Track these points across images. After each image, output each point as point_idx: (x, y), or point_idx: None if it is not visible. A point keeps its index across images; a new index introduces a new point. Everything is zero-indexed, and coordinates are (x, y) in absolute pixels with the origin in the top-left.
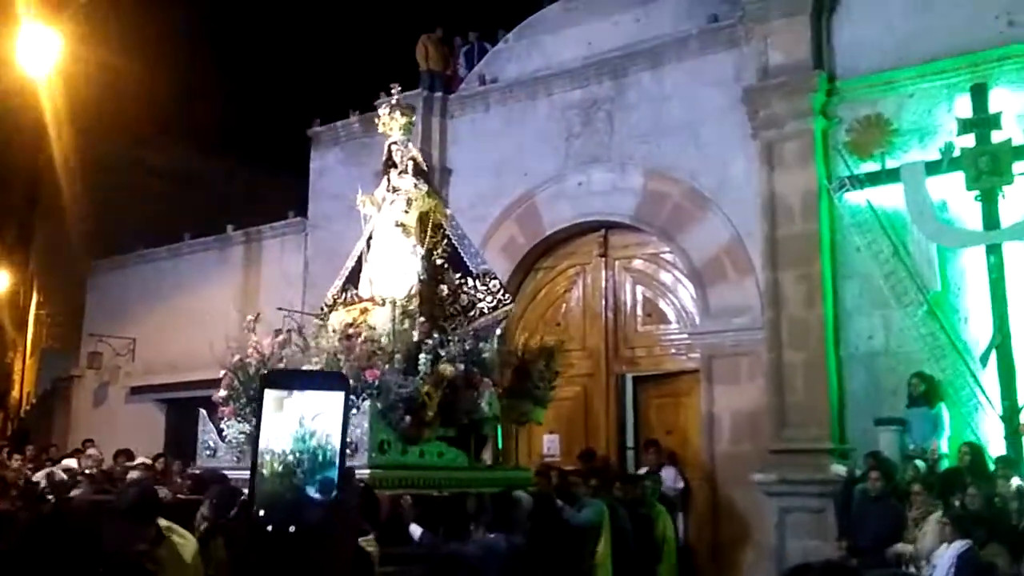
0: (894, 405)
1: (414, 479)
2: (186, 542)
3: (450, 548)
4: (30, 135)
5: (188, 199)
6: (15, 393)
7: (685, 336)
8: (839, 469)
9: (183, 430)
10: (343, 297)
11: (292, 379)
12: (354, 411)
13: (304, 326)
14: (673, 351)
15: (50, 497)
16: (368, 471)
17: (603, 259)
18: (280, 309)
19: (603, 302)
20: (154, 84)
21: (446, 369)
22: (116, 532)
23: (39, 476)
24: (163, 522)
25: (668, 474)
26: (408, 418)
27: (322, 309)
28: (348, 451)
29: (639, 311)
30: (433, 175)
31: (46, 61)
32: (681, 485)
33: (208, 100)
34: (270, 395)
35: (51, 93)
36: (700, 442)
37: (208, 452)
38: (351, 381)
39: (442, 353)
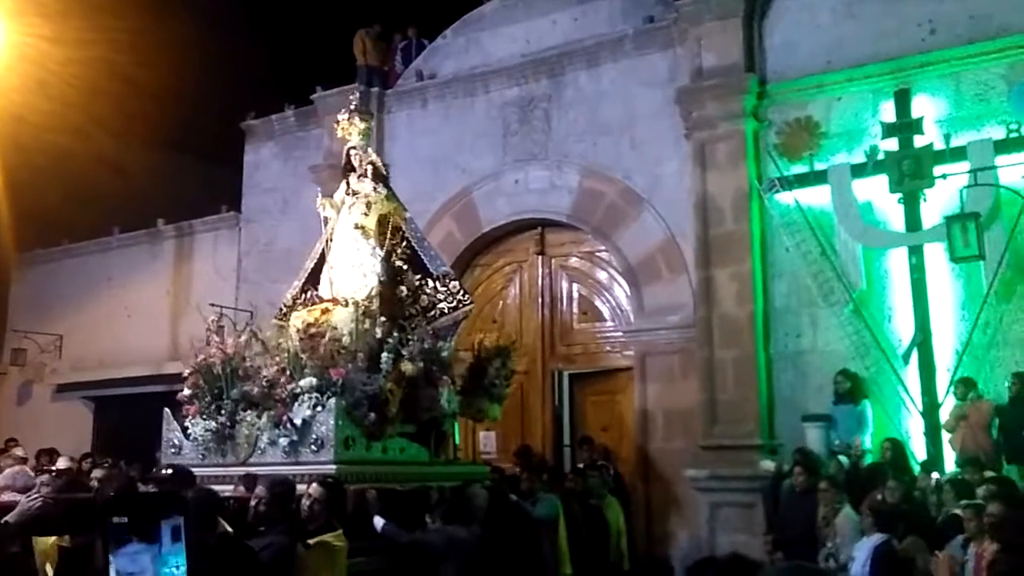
0: (821, 402)
1: (378, 474)
2: None
3: (411, 537)
4: None
5: (118, 192)
6: None
7: (620, 334)
8: (768, 465)
9: (113, 428)
10: (303, 298)
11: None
12: (319, 409)
13: (238, 324)
14: (608, 349)
15: None
16: (334, 467)
17: (540, 257)
18: (213, 305)
19: (540, 300)
20: (84, 73)
21: (407, 367)
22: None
23: None
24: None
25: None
26: (372, 415)
27: (281, 310)
28: (314, 448)
29: (575, 309)
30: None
31: None
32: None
33: (140, 91)
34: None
35: None
36: (634, 439)
37: (173, 450)
38: (316, 380)
39: (404, 352)
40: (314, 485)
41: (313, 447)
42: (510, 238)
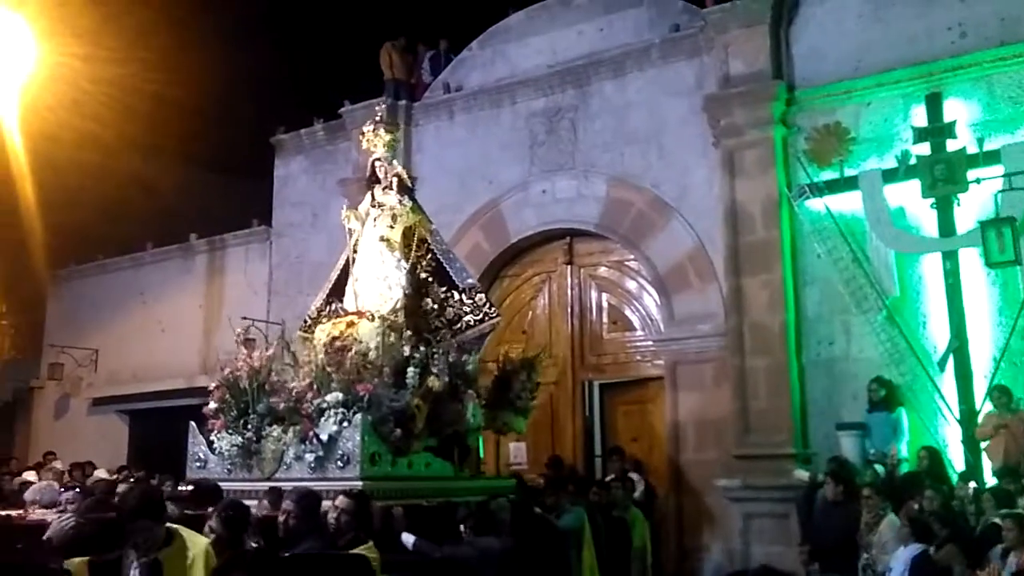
0: (855, 410)
1: (404, 490)
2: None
3: (444, 552)
4: None
5: (150, 208)
6: None
7: (650, 343)
8: (802, 474)
9: (147, 441)
10: (327, 310)
11: None
12: (345, 424)
13: (269, 336)
14: (638, 358)
15: None
16: (360, 483)
17: (568, 267)
18: (245, 319)
19: (569, 310)
20: (116, 92)
21: (434, 382)
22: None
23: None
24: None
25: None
26: (398, 431)
27: (305, 322)
28: (340, 463)
29: (605, 318)
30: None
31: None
32: (641, 489)
33: (170, 108)
34: None
35: (13, 100)
36: (665, 449)
37: (198, 464)
38: (342, 395)
39: (433, 369)
40: (340, 498)
41: (339, 463)
42: (538, 248)
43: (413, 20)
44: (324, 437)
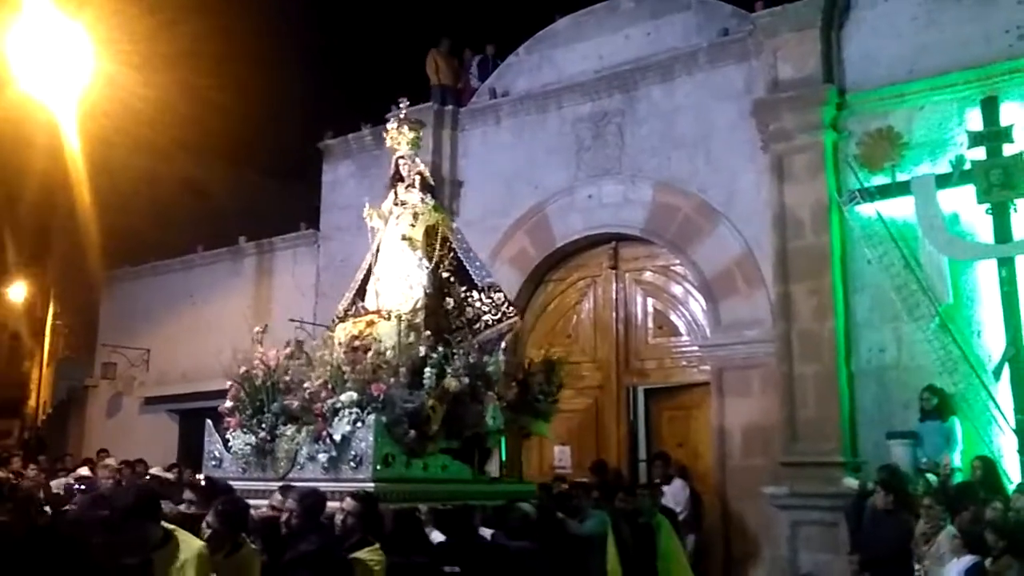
0: (906, 418)
1: (418, 492)
2: (190, 544)
3: (496, 541)
4: (46, 147)
5: (202, 211)
6: (31, 402)
7: (696, 348)
8: (851, 483)
9: (196, 440)
10: (352, 310)
11: None
12: (359, 425)
13: (316, 338)
14: (684, 363)
15: (46, 509)
16: (372, 484)
17: (614, 271)
18: (292, 320)
19: (614, 314)
20: (171, 98)
21: (451, 383)
22: (107, 545)
23: (55, 485)
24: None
25: (676, 487)
26: (412, 432)
27: (333, 322)
28: (352, 464)
29: (650, 323)
30: (444, 187)
31: (64, 75)
32: (685, 495)
33: (223, 114)
34: None
35: (68, 105)
36: (711, 455)
37: (214, 463)
38: (357, 395)
39: (448, 369)
40: (347, 499)
41: (352, 463)
42: (583, 253)
43: (460, 26)
44: (337, 437)
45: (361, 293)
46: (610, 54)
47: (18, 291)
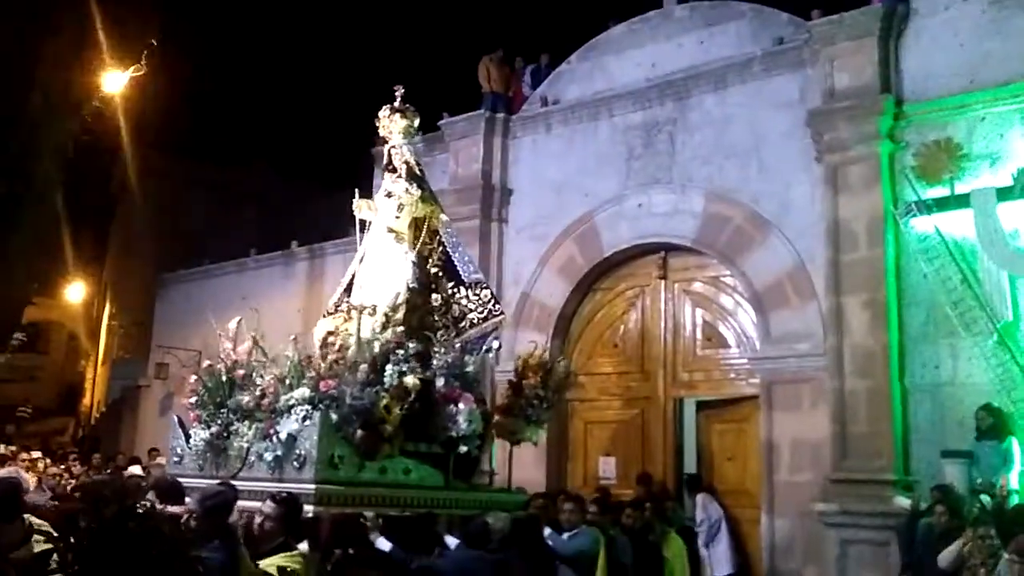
0: (961, 437)
1: (371, 497)
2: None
3: (421, 562)
4: (107, 153)
5: (255, 216)
6: (86, 400)
7: (745, 361)
8: (903, 502)
9: None
10: (343, 304)
11: None
12: (307, 423)
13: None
14: (732, 376)
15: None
16: (313, 487)
17: (662, 281)
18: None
19: (662, 325)
20: (226, 107)
21: (408, 381)
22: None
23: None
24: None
25: (700, 501)
26: (360, 432)
27: (323, 316)
28: (295, 465)
29: (698, 335)
30: (494, 194)
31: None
32: (709, 511)
33: (277, 123)
34: None
35: (129, 114)
36: (759, 469)
37: (175, 459)
38: (309, 391)
39: (405, 367)
40: (267, 502)
41: (296, 463)
42: (632, 262)
43: (513, 33)
44: (283, 435)
45: (349, 288)
46: (663, 62)
47: (76, 292)
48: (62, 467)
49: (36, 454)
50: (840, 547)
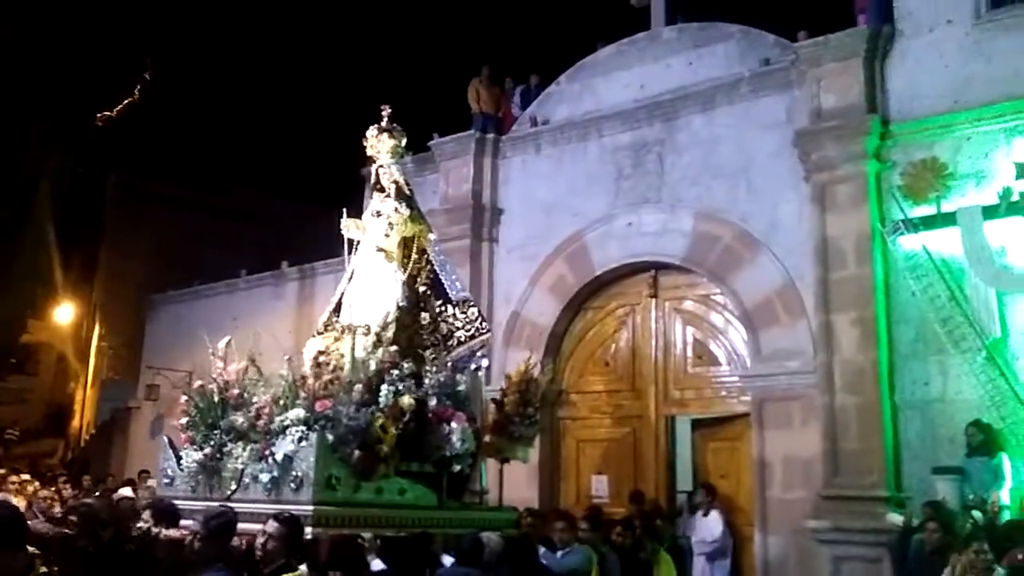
0: (952, 453)
1: (368, 517)
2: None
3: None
4: (94, 174)
5: (245, 236)
6: (75, 422)
7: (736, 379)
8: (895, 518)
9: None
10: (332, 324)
11: None
12: (303, 443)
13: None
14: (724, 394)
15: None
16: (311, 508)
17: (653, 300)
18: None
19: (653, 343)
20: (216, 129)
21: (404, 401)
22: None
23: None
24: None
25: (713, 518)
26: (357, 452)
27: (313, 336)
28: (292, 486)
29: (689, 353)
30: (484, 214)
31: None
32: (721, 528)
33: (265, 143)
34: None
35: (120, 138)
36: (751, 487)
37: (166, 481)
38: (304, 412)
39: (400, 386)
40: (270, 522)
41: (292, 485)
42: (622, 281)
43: (503, 54)
44: (279, 456)
45: (338, 307)
46: (651, 83)
47: (65, 313)
48: (52, 490)
49: (25, 477)
50: (833, 564)
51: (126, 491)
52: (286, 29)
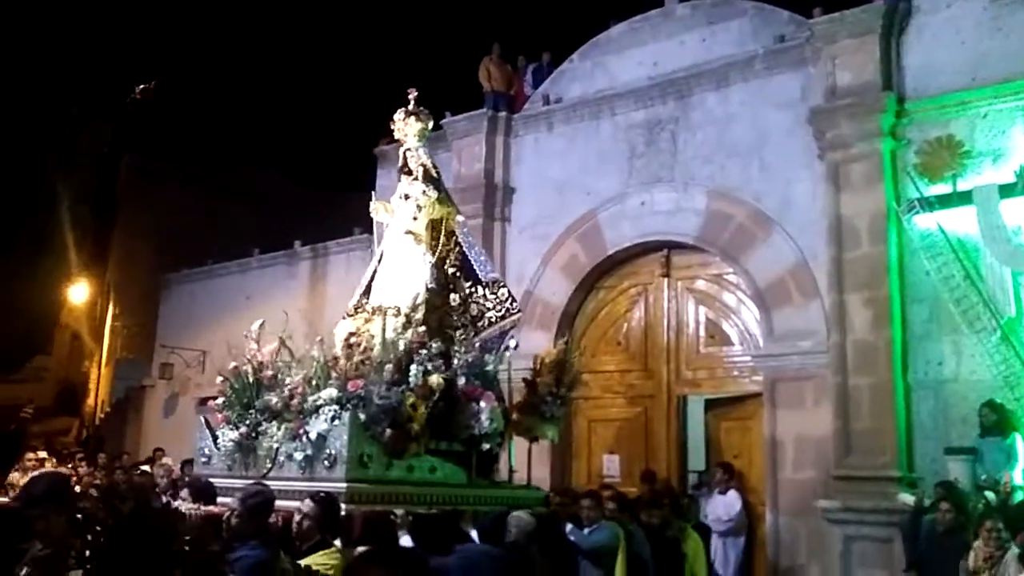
0: (964, 433)
1: (400, 495)
2: None
3: (435, 562)
4: (109, 155)
5: (258, 216)
6: (90, 401)
7: (748, 359)
8: (907, 498)
9: None
10: (362, 305)
11: None
12: (336, 422)
13: None
14: (736, 374)
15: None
16: (344, 485)
17: (665, 279)
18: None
19: (665, 323)
20: (227, 109)
21: (434, 380)
22: (194, 534)
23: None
24: None
25: (731, 497)
26: (389, 431)
27: (343, 317)
28: (326, 464)
29: (702, 332)
30: (496, 193)
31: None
32: (738, 507)
33: (279, 122)
34: None
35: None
36: (763, 466)
37: (203, 459)
38: (337, 391)
39: (430, 366)
40: (306, 500)
41: (326, 463)
42: (635, 260)
43: (515, 32)
44: (314, 435)
45: (368, 290)
46: (664, 60)
47: (80, 292)
48: (69, 467)
49: (42, 454)
50: (844, 544)
51: (167, 460)
52: (298, 10)
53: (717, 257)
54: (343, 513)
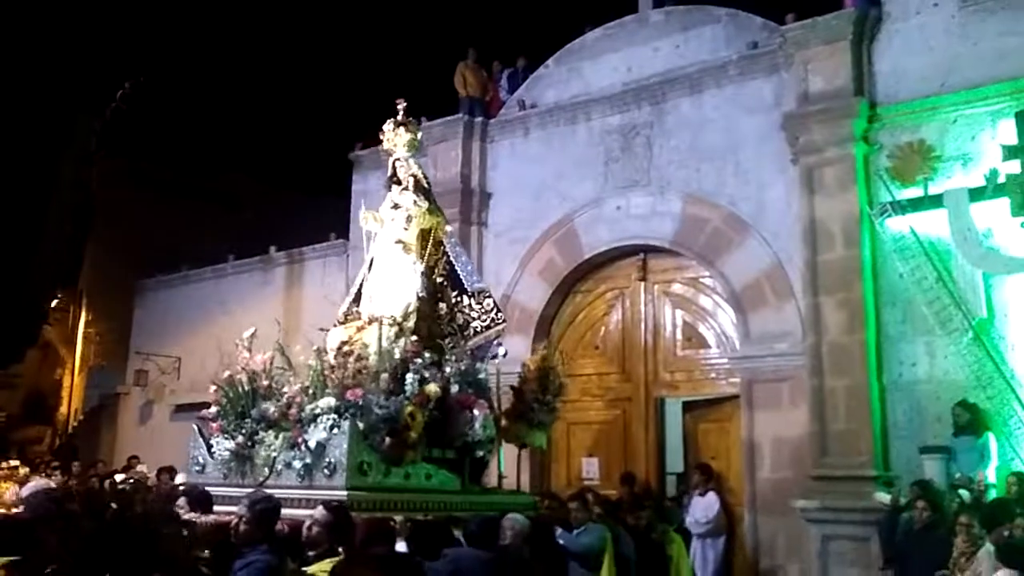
0: (939, 433)
1: (398, 502)
2: None
3: (427, 565)
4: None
5: (233, 221)
6: (63, 409)
7: (725, 361)
8: (883, 497)
9: None
10: (352, 314)
11: None
12: (335, 431)
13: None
14: (713, 376)
15: (113, 505)
16: (345, 493)
17: (642, 283)
18: (322, 329)
19: (642, 326)
20: (201, 112)
21: (430, 389)
22: (173, 539)
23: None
24: None
25: (710, 499)
26: (388, 439)
27: (333, 326)
28: (327, 472)
29: (679, 335)
30: (472, 198)
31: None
32: (716, 509)
33: (254, 127)
34: None
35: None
36: (741, 467)
37: (197, 468)
38: (335, 400)
39: (426, 374)
40: (318, 508)
41: (326, 471)
42: (612, 264)
43: (491, 39)
44: (312, 444)
45: (358, 298)
46: (639, 66)
47: (50, 299)
48: (43, 476)
49: (15, 463)
50: (822, 543)
51: (118, 478)
52: (274, 15)
53: (693, 261)
54: None
